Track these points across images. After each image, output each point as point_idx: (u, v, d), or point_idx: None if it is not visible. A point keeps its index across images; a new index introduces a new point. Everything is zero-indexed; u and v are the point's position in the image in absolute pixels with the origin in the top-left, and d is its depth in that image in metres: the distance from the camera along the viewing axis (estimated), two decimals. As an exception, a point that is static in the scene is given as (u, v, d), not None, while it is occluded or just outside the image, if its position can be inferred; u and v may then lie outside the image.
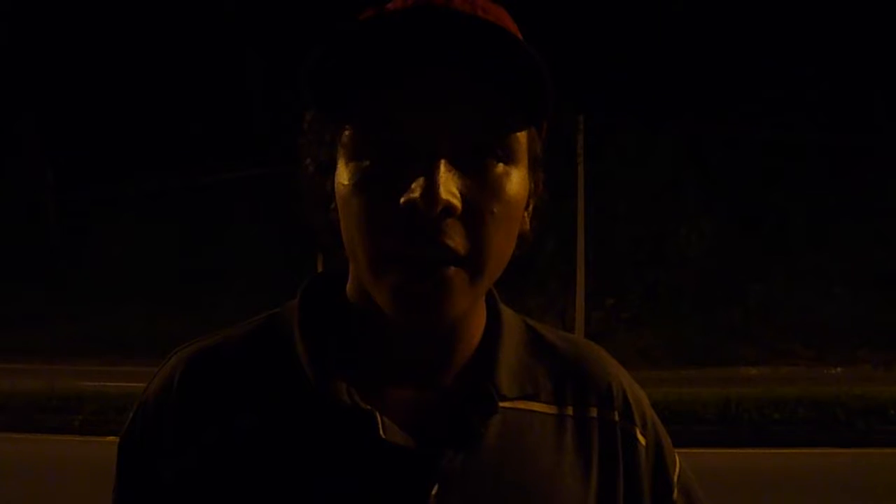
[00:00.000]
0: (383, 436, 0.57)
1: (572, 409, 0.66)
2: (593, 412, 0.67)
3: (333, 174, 0.58)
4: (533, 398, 0.65)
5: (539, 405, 0.65)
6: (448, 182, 0.52)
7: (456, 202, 0.52)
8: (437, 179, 0.51)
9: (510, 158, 0.56)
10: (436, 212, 0.51)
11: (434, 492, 0.57)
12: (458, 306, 0.55)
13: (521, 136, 0.57)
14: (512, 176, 0.56)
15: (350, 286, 0.64)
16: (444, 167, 0.52)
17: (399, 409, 0.60)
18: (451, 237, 0.52)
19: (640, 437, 0.68)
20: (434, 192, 0.50)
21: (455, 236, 0.53)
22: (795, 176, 14.68)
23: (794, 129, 14.26)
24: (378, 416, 0.57)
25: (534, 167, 0.60)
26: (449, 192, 0.51)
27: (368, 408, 0.58)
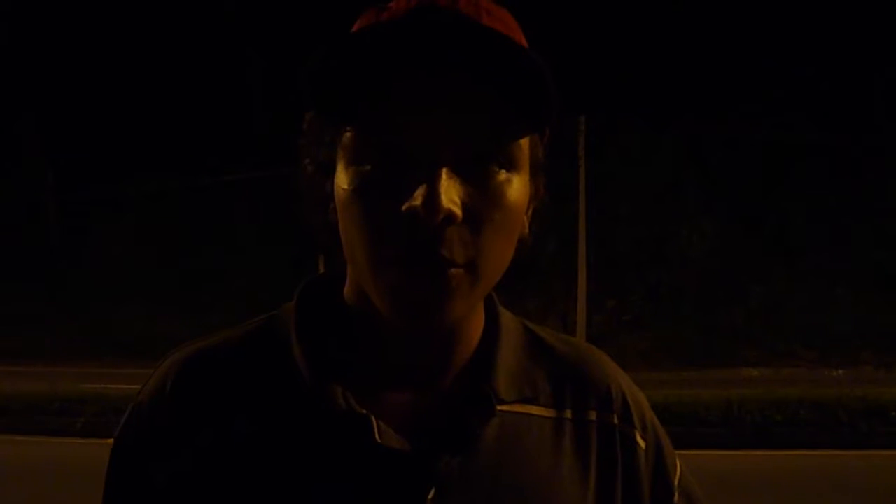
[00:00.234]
0: (379, 440, 0.57)
1: (571, 412, 0.66)
2: (592, 415, 0.66)
3: (333, 175, 0.58)
4: (531, 401, 0.64)
5: (537, 408, 0.64)
6: (449, 190, 0.51)
7: (457, 210, 0.51)
8: (439, 188, 0.50)
9: (512, 165, 0.55)
10: (437, 220, 0.50)
11: (430, 496, 0.57)
12: (457, 310, 0.55)
13: (524, 142, 0.56)
14: (513, 183, 0.55)
15: (348, 289, 0.64)
16: (445, 175, 0.51)
17: (396, 412, 0.60)
18: (451, 245, 0.52)
19: (640, 440, 0.67)
20: (436, 201, 0.50)
21: (456, 244, 0.53)
22: (796, 176, 14.70)
23: (795, 129, 14.26)
24: (374, 420, 0.57)
25: (535, 172, 0.60)
26: (450, 200, 0.51)
27: (364, 412, 0.57)
